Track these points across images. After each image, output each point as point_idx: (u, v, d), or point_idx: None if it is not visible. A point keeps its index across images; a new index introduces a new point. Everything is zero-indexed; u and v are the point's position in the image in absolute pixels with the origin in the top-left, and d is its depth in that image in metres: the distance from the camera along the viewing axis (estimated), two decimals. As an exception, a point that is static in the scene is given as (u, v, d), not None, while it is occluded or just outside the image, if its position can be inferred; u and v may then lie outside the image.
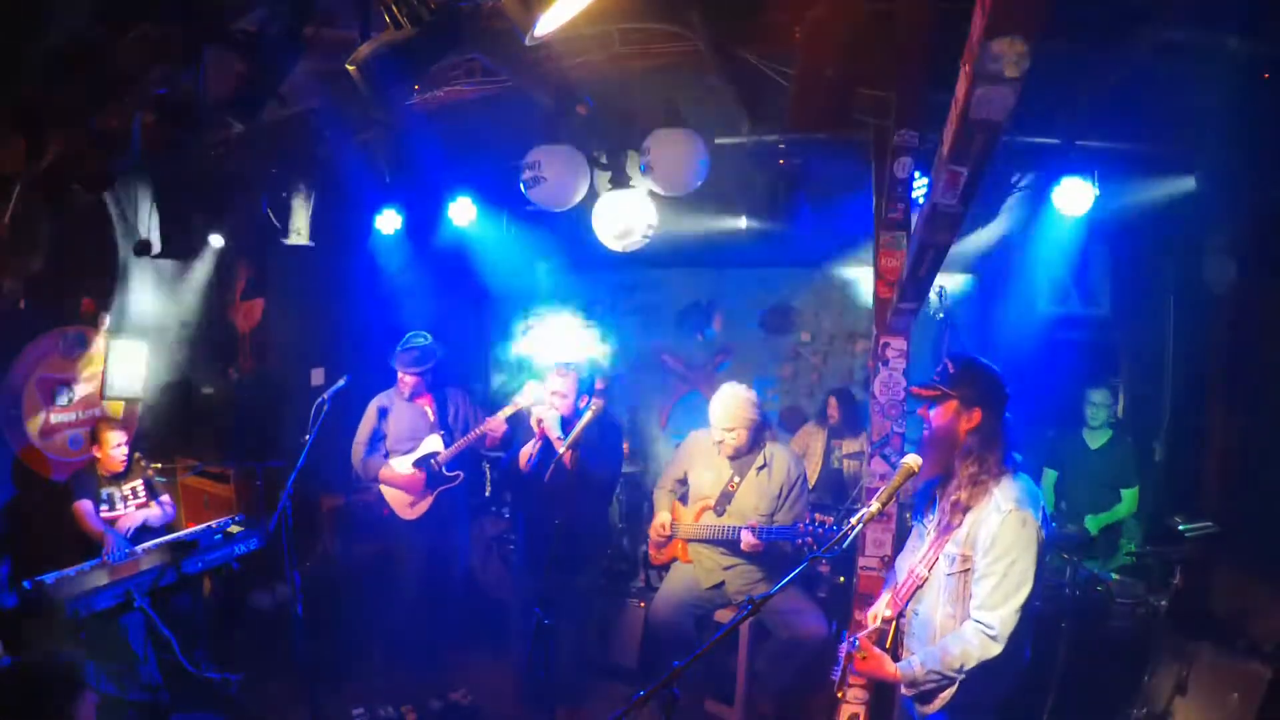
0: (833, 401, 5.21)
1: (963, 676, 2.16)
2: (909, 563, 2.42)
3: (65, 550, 3.83)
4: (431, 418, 4.26)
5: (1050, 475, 4.46)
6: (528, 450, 3.66)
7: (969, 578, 2.22)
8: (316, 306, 5.81)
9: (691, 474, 3.73)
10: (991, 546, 2.16)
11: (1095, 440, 4.35)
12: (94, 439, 4.11)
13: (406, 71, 2.23)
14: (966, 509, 2.23)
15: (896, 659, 2.33)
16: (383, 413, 4.26)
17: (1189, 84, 3.22)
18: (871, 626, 2.42)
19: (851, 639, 2.32)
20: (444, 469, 4.19)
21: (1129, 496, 4.26)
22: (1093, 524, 4.19)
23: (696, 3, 2.98)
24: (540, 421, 3.63)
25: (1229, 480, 4.05)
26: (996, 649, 2.12)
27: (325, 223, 5.28)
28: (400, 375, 4.22)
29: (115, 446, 4.06)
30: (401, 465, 4.18)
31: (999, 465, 2.24)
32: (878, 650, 2.32)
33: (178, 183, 4.66)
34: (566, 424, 3.59)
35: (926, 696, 2.25)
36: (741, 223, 5.09)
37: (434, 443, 4.20)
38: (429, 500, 4.18)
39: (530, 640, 2.79)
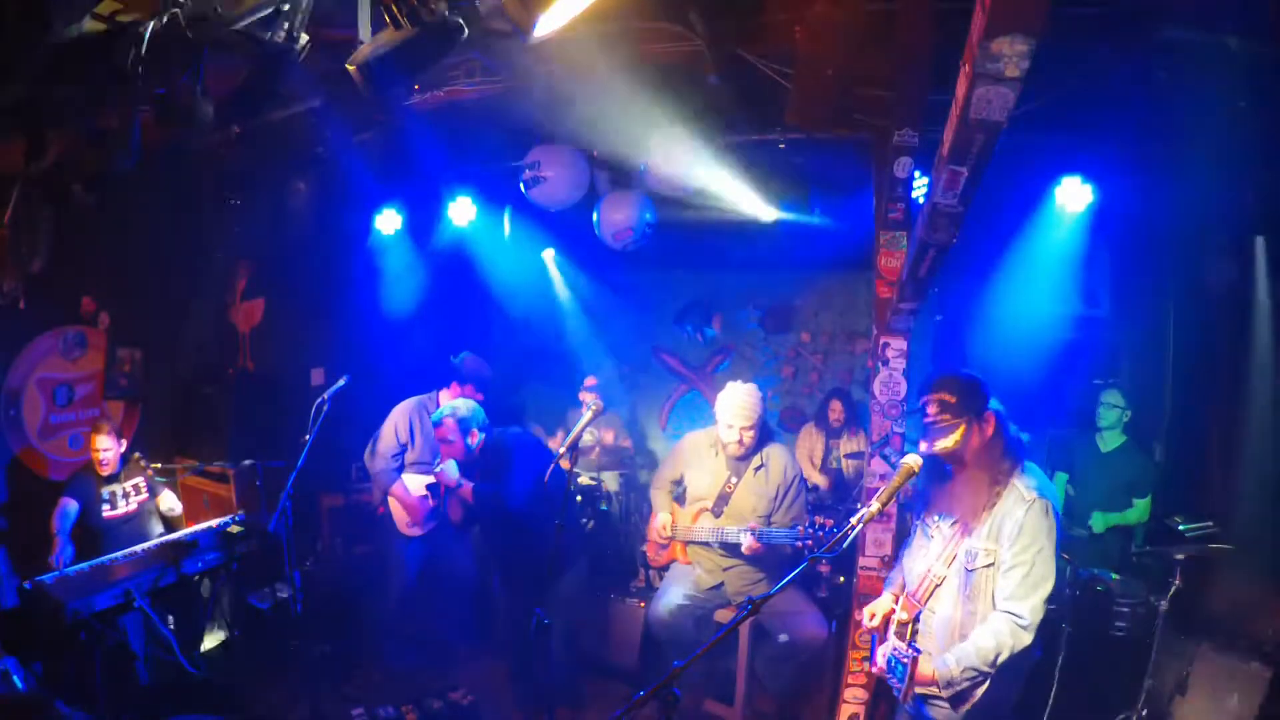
0: (836, 405, 5.21)
1: (994, 670, 2.17)
2: (923, 563, 2.40)
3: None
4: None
5: (1060, 478, 4.39)
6: (454, 507, 3.74)
7: (992, 572, 2.23)
8: (316, 306, 5.80)
9: (688, 476, 3.72)
10: (1019, 536, 2.18)
11: (1107, 444, 4.29)
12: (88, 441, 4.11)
13: (406, 71, 2.23)
14: (992, 504, 2.25)
15: None
16: (411, 427, 4.17)
17: (1189, 84, 3.22)
18: (893, 628, 2.41)
19: (911, 645, 2.29)
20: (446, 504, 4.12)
21: (1141, 505, 4.18)
22: (1100, 522, 4.13)
23: (696, 2, 2.98)
24: (440, 476, 3.63)
25: (1229, 480, 4.05)
26: (1028, 639, 2.15)
27: (325, 223, 5.29)
28: (459, 387, 4.14)
29: (104, 451, 4.03)
30: (414, 483, 4.10)
31: (1018, 451, 2.30)
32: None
33: (178, 182, 4.66)
34: (464, 467, 3.62)
35: (961, 697, 2.24)
36: (741, 222, 5.09)
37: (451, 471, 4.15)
38: (431, 525, 4.13)
39: (530, 640, 2.79)
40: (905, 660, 2.24)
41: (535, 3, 1.91)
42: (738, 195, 4.43)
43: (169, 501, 4.33)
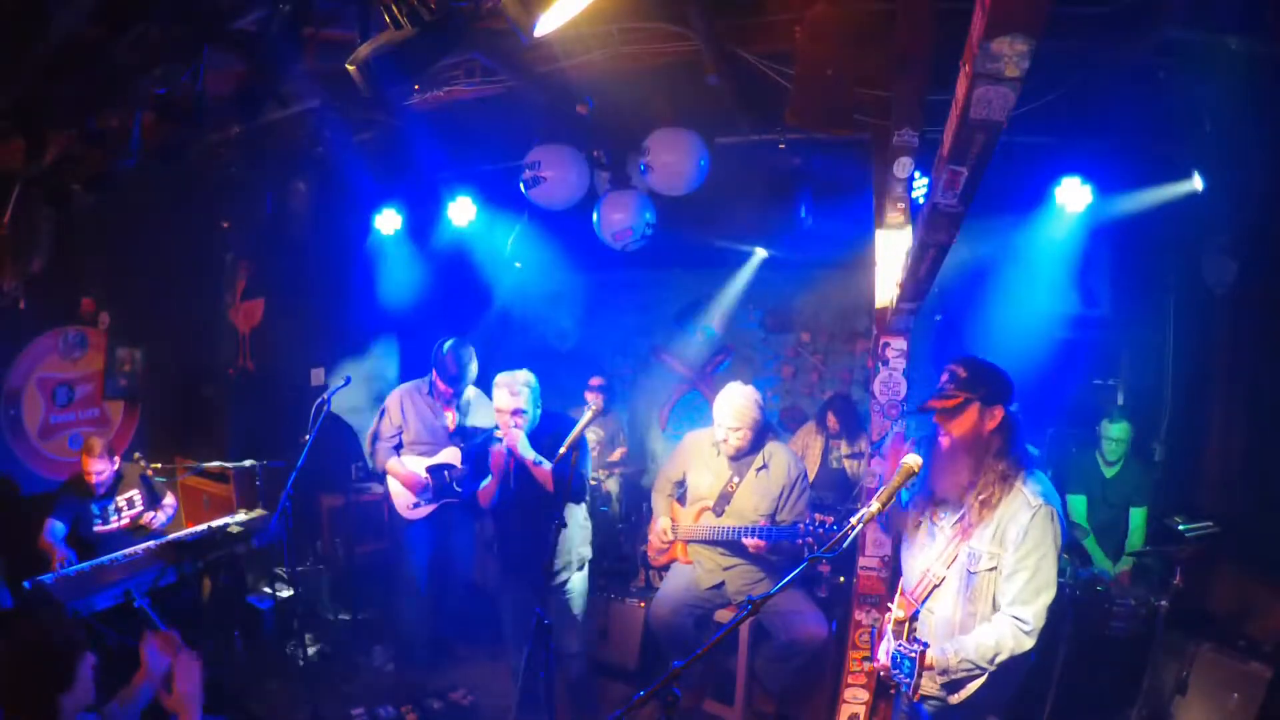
0: (831, 416, 5.20)
1: (994, 669, 2.18)
2: (923, 561, 2.40)
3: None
4: (451, 426, 4.14)
5: (1081, 502, 4.30)
6: (490, 489, 3.43)
7: (994, 576, 2.23)
8: (316, 306, 5.80)
9: (690, 475, 3.72)
10: (1023, 541, 2.18)
11: (1110, 470, 4.26)
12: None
13: (406, 71, 2.22)
14: (995, 507, 2.24)
15: None
16: (404, 409, 4.12)
17: (1189, 84, 3.22)
18: (890, 626, 2.41)
19: (916, 642, 2.27)
20: (455, 484, 4.09)
21: (1138, 517, 4.14)
22: (1127, 560, 4.10)
23: (696, 2, 2.98)
24: (511, 450, 3.32)
25: (1229, 480, 4.05)
26: (1029, 643, 2.16)
27: (325, 223, 5.29)
28: (438, 382, 4.08)
29: (98, 474, 3.93)
30: (414, 465, 4.08)
31: (1023, 460, 2.28)
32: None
33: (177, 183, 4.66)
34: (533, 439, 3.38)
35: (955, 686, 2.25)
36: (741, 223, 5.09)
37: (451, 455, 4.09)
38: (432, 507, 4.12)
39: (530, 640, 2.79)
40: (912, 655, 2.23)
41: (535, 3, 1.91)
42: (737, 195, 4.42)
43: (168, 512, 4.28)
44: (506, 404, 3.37)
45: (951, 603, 2.30)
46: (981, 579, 2.25)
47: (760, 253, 5.99)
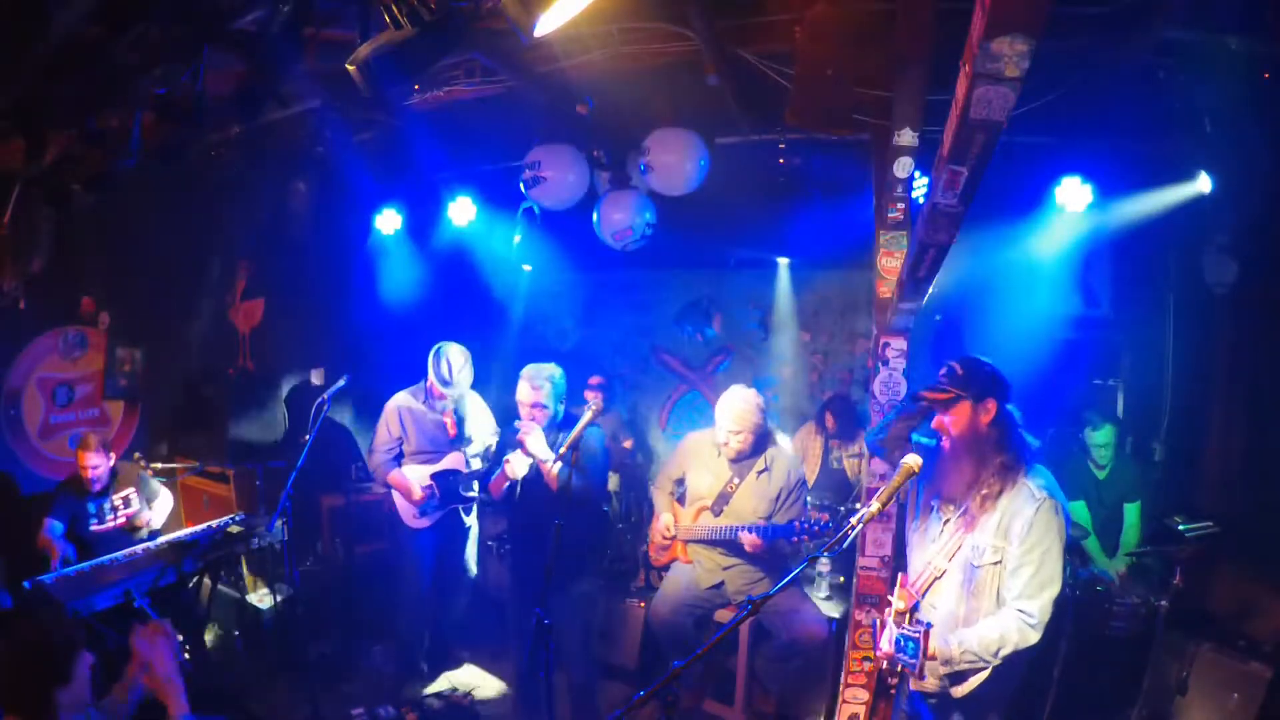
0: (829, 416, 5.20)
1: (998, 662, 2.18)
2: (925, 553, 2.41)
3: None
4: (452, 432, 4.11)
5: (1081, 507, 4.26)
6: (500, 481, 3.37)
7: (999, 570, 2.23)
8: (316, 306, 5.80)
9: (690, 475, 3.72)
10: (1027, 535, 2.19)
11: (1102, 472, 4.25)
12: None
13: (406, 71, 2.23)
14: (997, 499, 2.25)
15: None
16: (402, 419, 4.09)
17: (1189, 84, 3.22)
18: (891, 617, 2.41)
19: (919, 623, 2.23)
20: (460, 489, 4.08)
21: (1132, 514, 4.14)
22: (1121, 561, 4.10)
23: (696, 2, 2.98)
24: (523, 447, 3.24)
25: (1229, 480, 4.04)
26: (1035, 637, 2.16)
27: (325, 223, 5.29)
28: (433, 385, 4.03)
29: (93, 469, 3.89)
30: (416, 474, 4.03)
31: (1024, 452, 2.29)
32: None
33: (177, 183, 4.66)
34: (548, 436, 3.32)
35: (958, 678, 2.26)
36: (742, 223, 5.08)
37: (455, 460, 4.06)
38: (437, 516, 4.10)
39: (530, 640, 2.79)
40: (916, 636, 2.19)
41: (535, 3, 1.91)
42: (737, 196, 4.42)
43: (160, 514, 4.25)
44: (527, 397, 3.31)
45: (954, 597, 2.31)
46: (985, 573, 2.25)
47: (784, 261, 6.03)
